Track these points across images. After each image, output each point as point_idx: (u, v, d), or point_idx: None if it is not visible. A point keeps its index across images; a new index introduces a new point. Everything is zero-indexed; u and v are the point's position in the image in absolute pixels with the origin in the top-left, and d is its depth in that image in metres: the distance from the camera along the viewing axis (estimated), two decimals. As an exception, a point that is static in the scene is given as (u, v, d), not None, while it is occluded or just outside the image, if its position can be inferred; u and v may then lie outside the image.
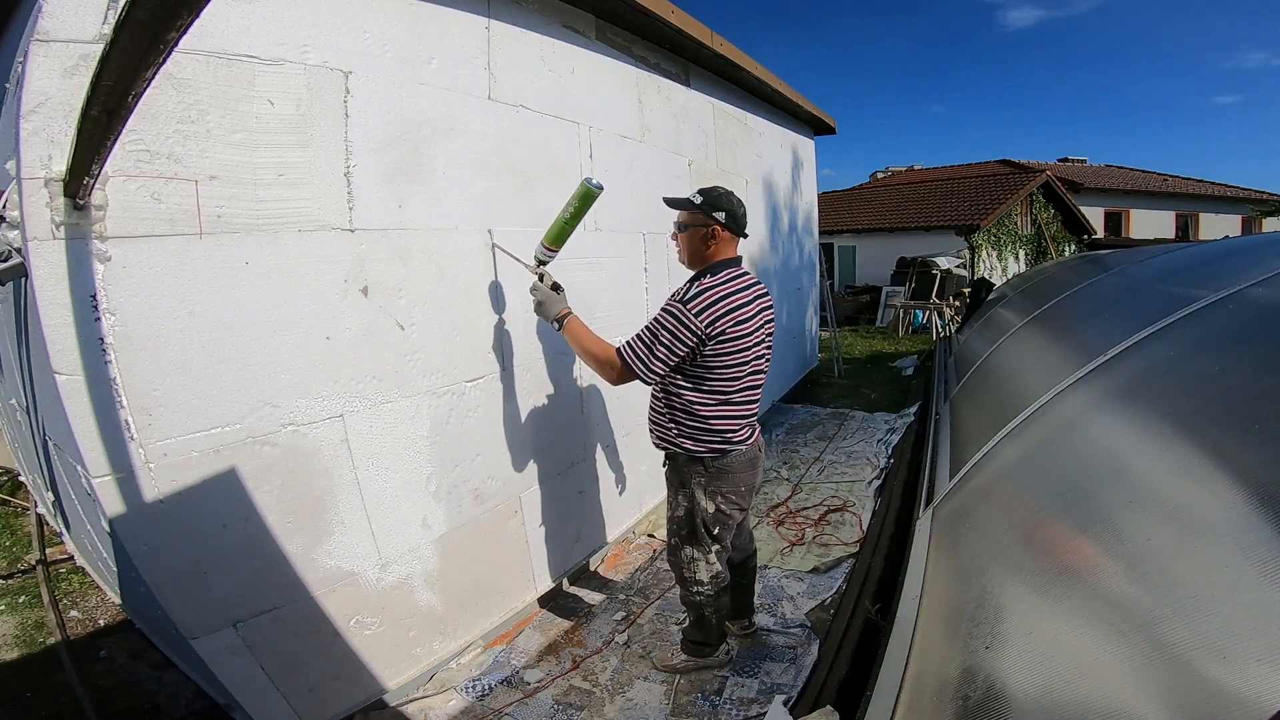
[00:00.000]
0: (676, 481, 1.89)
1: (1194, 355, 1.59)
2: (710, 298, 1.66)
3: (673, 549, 1.95)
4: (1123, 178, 17.13)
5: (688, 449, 1.80)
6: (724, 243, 1.77)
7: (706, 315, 1.64)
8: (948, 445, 2.80)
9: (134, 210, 1.29)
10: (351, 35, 1.68)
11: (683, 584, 1.96)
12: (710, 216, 1.73)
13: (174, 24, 0.70)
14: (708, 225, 1.74)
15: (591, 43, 2.60)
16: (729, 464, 1.80)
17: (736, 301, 1.69)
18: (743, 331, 1.70)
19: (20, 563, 3.00)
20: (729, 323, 1.67)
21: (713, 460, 1.79)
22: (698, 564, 1.88)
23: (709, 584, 1.90)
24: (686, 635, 2.08)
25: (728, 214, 1.74)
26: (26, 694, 2.10)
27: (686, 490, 1.85)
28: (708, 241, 1.76)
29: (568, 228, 1.85)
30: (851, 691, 1.70)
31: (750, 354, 1.75)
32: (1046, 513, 1.40)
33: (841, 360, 7.03)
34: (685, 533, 1.88)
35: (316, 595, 1.69)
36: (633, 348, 1.71)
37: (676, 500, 1.89)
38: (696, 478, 1.81)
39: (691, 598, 1.95)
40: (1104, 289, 3.22)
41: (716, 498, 1.81)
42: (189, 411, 1.41)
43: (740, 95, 4.11)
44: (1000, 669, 1.06)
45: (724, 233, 1.75)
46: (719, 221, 1.73)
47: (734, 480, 1.82)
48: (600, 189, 1.79)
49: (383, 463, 1.83)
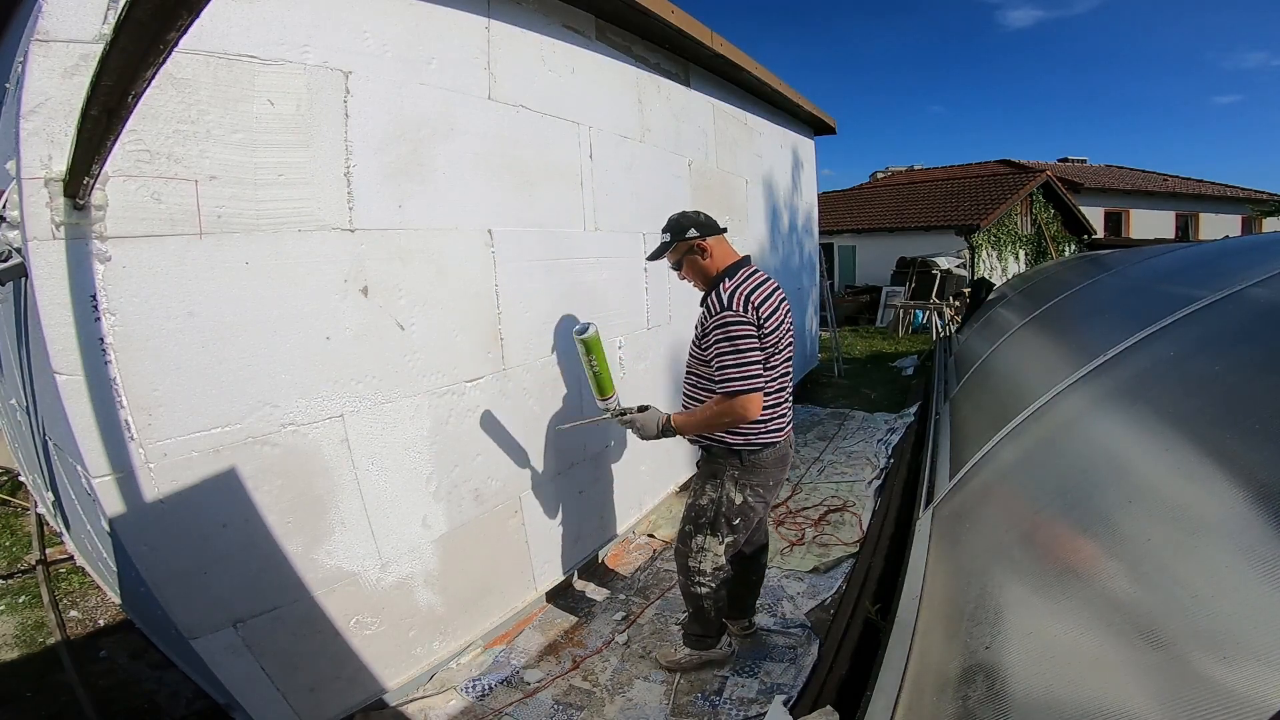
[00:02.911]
0: (708, 472, 1.91)
1: (1194, 355, 1.58)
2: (742, 292, 1.73)
3: (685, 535, 1.95)
4: (1123, 178, 17.13)
5: (728, 442, 1.83)
6: (716, 248, 1.85)
7: (749, 307, 1.71)
8: (948, 445, 2.80)
9: (134, 210, 1.29)
10: (351, 35, 1.68)
11: (685, 573, 1.97)
12: (685, 238, 1.83)
13: (174, 24, 0.70)
14: (691, 245, 1.84)
15: (591, 43, 2.60)
16: (764, 459, 1.84)
17: (761, 295, 1.76)
18: (771, 326, 1.76)
19: (20, 563, 3.00)
20: (764, 312, 1.73)
21: (750, 454, 1.83)
22: (705, 554, 1.90)
23: (711, 575, 1.92)
24: (687, 629, 2.09)
25: (695, 225, 1.84)
26: (26, 694, 2.10)
27: (717, 481, 1.87)
28: (703, 256, 1.85)
29: (602, 374, 1.95)
30: (851, 691, 1.70)
31: (780, 345, 1.80)
32: (1046, 512, 1.40)
33: (841, 360, 7.03)
34: (704, 521, 1.89)
35: (317, 595, 1.69)
36: (731, 378, 1.68)
37: (703, 489, 1.90)
38: (730, 470, 1.84)
39: (692, 588, 1.95)
40: (1104, 289, 3.22)
41: (746, 491, 1.85)
42: (189, 411, 1.41)
43: (740, 95, 4.11)
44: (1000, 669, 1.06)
45: (707, 240, 1.83)
46: (695, 236, 1.83)
47: (765, 475, 1.86)
48: (588, 328, 1.90)
49: (383, 463, 1.83)
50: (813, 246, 6.10)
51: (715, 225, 1.86)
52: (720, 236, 1.87)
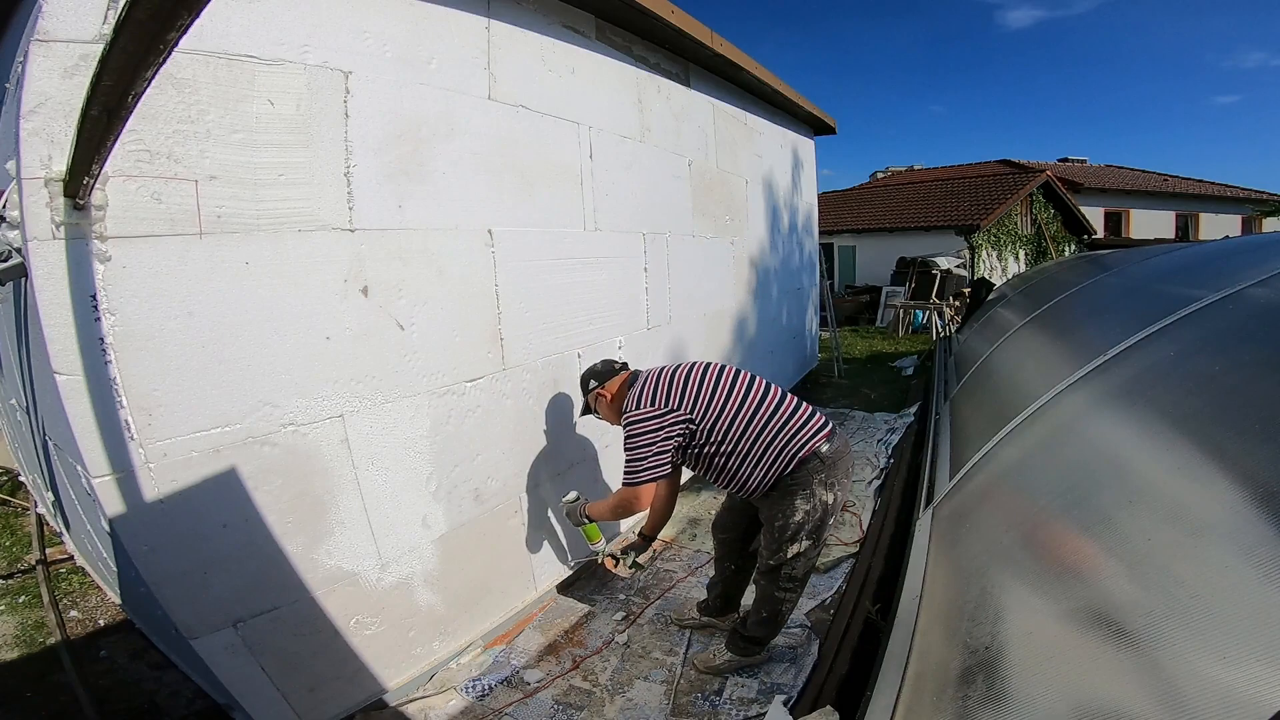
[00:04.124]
0: (786, 493, 1.83)
1: (1194, 355, 1.59)
2: (638, 397, 1.88)
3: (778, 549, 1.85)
4: (1123, 178, 17.13)
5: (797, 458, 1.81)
6: (613, 388, 2.05)
7: (647, 402, 1.86)
8: (948, 445, 2.80)
9: (134, 210, 1.29)
10: (351, 35, 1.68)
11: (773, 579, 1.90)
12: (588, 390, 2.09)
13: (174, 24, 0.70)
14: (595, 395, 2.07)
15: (591, 43, 2.60)
16: (838, 449, 1.85)
17: (671, 376, 1.91)
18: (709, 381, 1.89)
19: (20, 563, 3.00)
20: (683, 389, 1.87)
21: (825, 448, 1.82)
22: (800, 559, 1.85)
23: (802, 579, 1.91)
24: (746, 630, 2.03)
25: (593, 376, 2.08)
26: (26, 694, 2.10)
27: (805, 493, 1.81)
28: (607, 398, 2.05)
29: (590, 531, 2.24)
30: (851, 691, 1.70)
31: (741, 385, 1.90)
32: (1047, 513, 1.40)
33: (841, 360, 7.03)
34: (801, 534, 1.82)
35: (316, 595, 1.69)
36: (628, 472, 1.86)
37: (791, 507, 1.82)
38: (815, 475, 1.81)
39: (776, 591, 1.91)
40: (1104, 289, 3.22)
41: (834, 487, 1.83)
42: (189, 411, 1.41)
43: (740, 95, 4.11)
44: (1000, 669, 1.06)
45: (607, 385, 2.05)
46: (596, 386, 2.06)
47: (844, 464, 1.87)
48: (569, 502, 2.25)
49: (383, 463, 1.83)
50: (813, 246, 6.10)
51: (608, 367, 2.09)
52: (616, 376, 2.07)
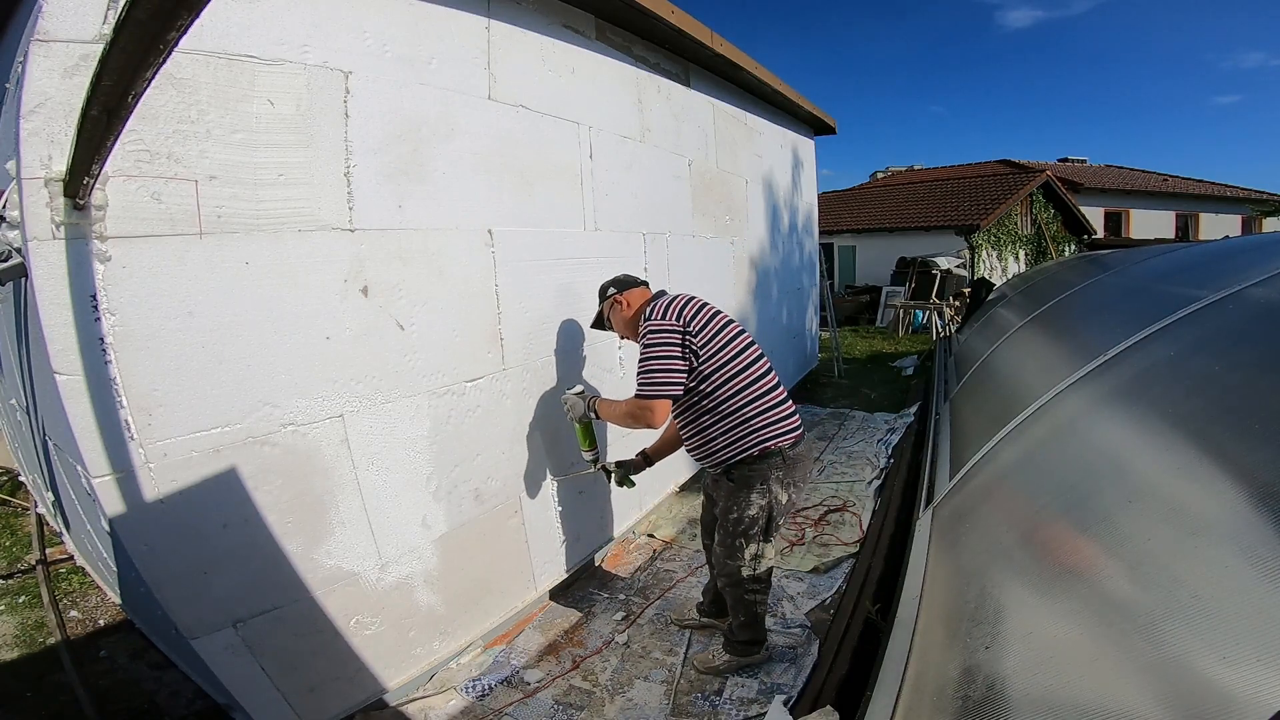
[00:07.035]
0: (745, 483, 1.83)
1: (1194, 355, 1.58)
2: (664, 309, 1.82)
3: (734, 550, 1.87)
4: (1123, 178, 17.13)
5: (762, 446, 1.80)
6: (633, 299, 2.01)
7: (670, 314, 1.80)
8: (948, 445, 2.80)
9: (134, 210, 1.29)
10: (351, 35, 1.68)
11: (738, 586, 1.91)
12: (605, 296, 2.05)
13: (174, 24, 0.70)
14: (612, 302, 2.03)
15: (591, 43, 2.60)
16: (800, 453, 1.86)
17: (694, 304, 1.85)
18: (710, 331, 1.80)
19: (20, 563, 3.00)
20: (700, 320, 1.80)
21: (790, 448, 1.83)
22: (760, 560, 1.88)
23: (765, 580, 1.93)
24: (735, 636, 2.03)
25: (613, 284, 2.04)
26: (26, 694, 2.10)
27: (762, 487, 1.81)
28: (624, 307, 2.01)
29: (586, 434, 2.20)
30: (851, 691, 1.70)
31: (732, 343, 1.83)
32: (1047, 512, 1.40)
33: (841, 360, 7.03)
34: (754, 531, 1.84)
35: (317, 595, 1.69)
36: (641, 382, 1.80)
37: (746, 500, 1.83)
38: (774, 471, 1.82)
39: (746, 597, 1.92)
40: (1104, 289, 3.22)
41: (790, 488, 1.85)
42: (189, 411, 1.41)
43: (740, 95, 4.11)
44: (1000, 669, 1.06)
45: (626, 293, 2.01)
46: (615, 293, 2.02)
47: (803, 468, 1.89)
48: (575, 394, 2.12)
49: (383, 463, 1.83)
50: (813, 246, 6.10)
51: (630, 279, 2.06)
52: (637, 288, 2.03)
